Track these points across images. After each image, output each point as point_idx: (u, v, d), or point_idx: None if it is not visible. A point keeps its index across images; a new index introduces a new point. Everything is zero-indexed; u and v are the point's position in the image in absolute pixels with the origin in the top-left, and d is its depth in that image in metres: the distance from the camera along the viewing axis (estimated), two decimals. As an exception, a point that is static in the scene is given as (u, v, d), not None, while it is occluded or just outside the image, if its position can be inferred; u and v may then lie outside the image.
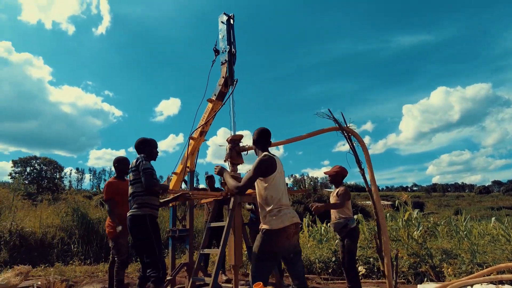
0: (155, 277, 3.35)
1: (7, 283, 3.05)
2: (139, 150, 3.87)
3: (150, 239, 3.44)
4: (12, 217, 7.97)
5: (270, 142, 3.26)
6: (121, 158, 4.69)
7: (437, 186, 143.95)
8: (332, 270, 6.00)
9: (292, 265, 2.98)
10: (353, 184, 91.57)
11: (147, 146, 3.90)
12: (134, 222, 3.47)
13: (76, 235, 8.07)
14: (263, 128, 3.24)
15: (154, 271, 3.36)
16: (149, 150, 3.88)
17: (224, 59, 4.60)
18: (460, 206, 63.58)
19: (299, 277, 2.96)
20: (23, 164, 54.05)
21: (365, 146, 4.22)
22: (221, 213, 6.14)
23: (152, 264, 3.40)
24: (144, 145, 3.88)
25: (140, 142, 3.90)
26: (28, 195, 17.53)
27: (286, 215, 2.85)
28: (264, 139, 3.19)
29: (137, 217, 3.46)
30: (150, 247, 3.41)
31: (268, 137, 3.22)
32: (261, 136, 3.19)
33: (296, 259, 2.98)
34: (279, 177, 2.98)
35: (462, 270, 4.89)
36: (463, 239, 6.53)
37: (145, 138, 3.95)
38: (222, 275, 5.82)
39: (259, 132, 3.21)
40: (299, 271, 2.98)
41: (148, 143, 3.92)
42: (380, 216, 3.99)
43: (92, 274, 6.22)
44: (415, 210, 7.83)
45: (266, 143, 3.20)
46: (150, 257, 3.40)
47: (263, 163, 2.92)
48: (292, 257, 2.97)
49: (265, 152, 3.10)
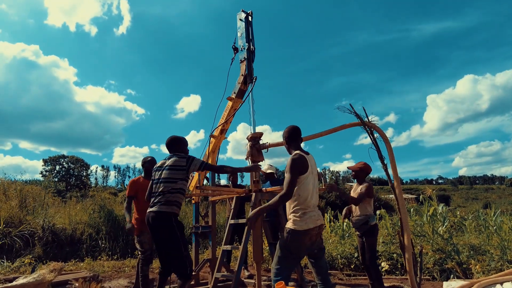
0: (183, 273, 3.39)
1: (42, 279, 3.22)
2: (172, 148, 3.78)
3: (176, 237, 3.40)
4: (44, 214, 8.35)
5: (302, 139, 3.25)
6: (149, 158, 4.78)
7: (463, 179, 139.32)
8: (354, 266, 5.96)
9: (316, 261, 3.03)
10: (376, 178, 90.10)
11: (182, 144, 3.83)
12: (158, 219, 3.42)
13: (103, 231, 8.36)
14: (293, 126, 3.23)
15: (181, 268, 3.39)
16: (182, 149, 3.81)
17: (243, 57, 4.61)
18: (490, 199, 61.30)
19: (322, 273, 3.01)
20: (53, 163, 56.47)
21: (388, 141, 4.15)
22: (243, 209, 6.20)
23: (179, 261, 3.40)
24: (177, 144, 3.80)
25: (174, 140, 3.81)
26: (58, 192, 18.30)
27: (311, 217, 2.87)
28: (295, 137, 3.19)
29: (163, 214, 3.42)
30: (177, 245, 3.39)
31: (298, 135, 3.21)
32: (291, 134, 3.19)
33: (319, 256, 3.03)
34: (310, 177, 2.96)
35: (491, 267, 4.73)
36: (492, 235, 6.32)
37: (178, 136, 3.86)
38: (245, 270, 5.89)
39: (289, 130, 3.21)
40: (322, 267, 3.03)
41: (181, 141, 3.85)
42: (402, 211, 3.93)
43: (119, 269, 6.44)
44: (440, 204, 7.61)
45: (297, 140, 3.19)
46: (176, 255, 3.39)
47: (296, 162, 2.90)
48: (316, 253, 3.02)
49: (297, 150, 3.07)
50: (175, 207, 3.50)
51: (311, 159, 3.06)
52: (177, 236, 3.40)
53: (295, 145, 3.17)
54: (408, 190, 75.27)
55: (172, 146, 3.79)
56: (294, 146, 3.17)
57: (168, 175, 3.54)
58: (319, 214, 2.98)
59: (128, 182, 4.80)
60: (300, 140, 3.22)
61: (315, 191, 3.03)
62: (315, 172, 3.10)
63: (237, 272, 3.77)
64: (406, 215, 3.97)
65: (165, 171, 3.57)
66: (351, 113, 4.36)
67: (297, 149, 3.11)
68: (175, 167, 3.54)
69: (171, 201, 3.48)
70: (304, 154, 3.01)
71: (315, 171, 3.11)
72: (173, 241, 3.40)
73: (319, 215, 2.97)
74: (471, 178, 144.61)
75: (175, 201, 3.52)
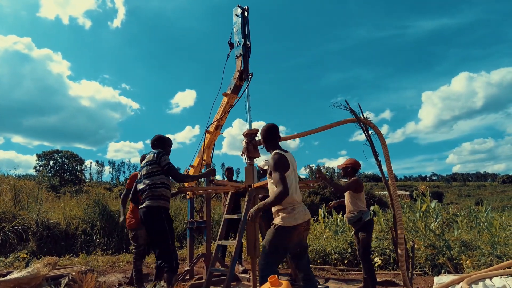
0: (169, 267, 3.45)
1: (37, 273, 3.22)
2: (154, 147, 3.96)
3: (165, 231, 3.52)
4: (38, 209, 8.31)
5: (279, 137, 3.25)
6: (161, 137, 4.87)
7: (457, 176, 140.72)
8: (348, 261, 6.02)
9: (298, 260, 3.06)
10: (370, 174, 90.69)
11: (164, 143, 4.00)
12: (150, 214, 3.54)
13: (97, 226, 8.35)
14: (269, 125, 3.22)
15: (167, 261, 3.46)
16: (163, 148, 3.95)
17: (239, 53, 4.61)
18: (482, 196, 62.06)
19: (304, 269, 3.06)
20: (47, 158, 56.02)
21: (383, 137, 4.19)
22: (238, 205, 6.22)
23: (166, 254, 3.49)
24: (160, 142, 3.97)
25: (157, 139, 3.99)
26: (52, 187, 18.17)
27: (299, 213, 2.92)
28: (273, 136, 3.19)
29: (153, 209, 3.54)
30: (165, 238, 3.50)
31: (276, 133, 3.21)
32: (268, 134, 3.19)
33: (302, 255, 3.05)
34: (292, 174, 3.02)
35: (481, 262, 4.81)
36: (483, 231, 6.41)
37: (162, 136, 4.05)
38: (239, 265, 5.93)
39: (266, 129, 3.20)
40: (304, 264, 3.07)
41: (164, 141, 4.02)
42: (396, 208, 3.98)
43: (113, 264, 6.45)
44: (433, 201, 7.70)
45: (275, 139, 3.19)
46: (164, 248, 3.50)
47: (279, 160, 2.95)
48: (299, 252, 3.04)
49: (276, 150, 3.11)
50: (162, 201, 3.62)
51: (291, 157, 3.10)
52: (165, 229, 3.49)
53: (273, 144, 3.18)
54: (402, 186, 75.83)
55: (154, 145, 3.97)
56: (272, 144, 3.18)
57: (148, 170, 3.71)
58: (306, 209, 3.03)
59: (130, 175, 4.87)
60: (278, 139, 3.22)
61: (298, 187, 3.08)
62: (295, 169, 3.14)
63: (231, 267, 3.80)
64: (399, 211, 4.02)
65: (144, 168, 3.76)
66: (347, 109, 4.40)
67: (275, 148, 3.14)
68: (150, 161, 3.74)
69: (157, 196, 3.62)
70: (283, 152, 3.05)
71: (295, 168, 3.15)
72: (161, 234, 3.52)
73: (306, 209, 3.02)
74: (464, 175, 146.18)
75: (162, 195, 3.65)
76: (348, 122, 4.34)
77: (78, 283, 2.68)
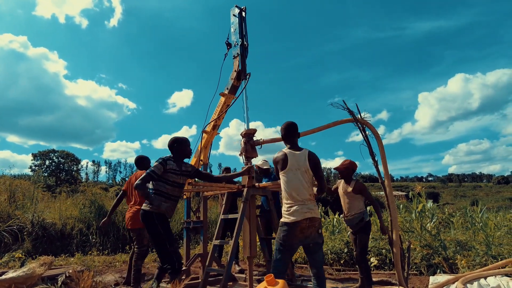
0: (171, 268, 3.49)
1: (32, 272, 3.21)
2: (171, 150, 3.84)
3: (159, 234, 3.53)
4: (34, 208, 8.26)
5: (299, 135, 3.37)
6: (141, 157, 4.90)
7: (453, 177, 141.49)
8: (344, 261, 6.05)
9: (311, 255, 3.13)
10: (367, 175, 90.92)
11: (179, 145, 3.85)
12: (144, 217, 3.59)
13: (94, 226, 8.31)
14: (289, 122, 3.36)
15: (169, 263, 3.50)
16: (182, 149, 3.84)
17: (236, 53, 4.62)
18: (477, 196, 62.46)
19: (316, 266, 3.11)
20: (42, 157, 55.62)
21: (380, 138, 4.20)
22: (235, 205, 6.22)
23: (166, 256, 3.53)
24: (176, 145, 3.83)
25: (173, 142, 3.86)
26: (48, 187, 18.04)
27: (297, 211, 3.00)
28: (291, 133, 3.31)
29: (146, 213, 3.57)
30: (161, 241, 3.53)
31: (295, 131, 3.34)
32: (287, 131, 3.32)
33: (315, 250, 3.12)
34: (291, 173, 3.09)
35: (476, 262, 4.85)
36: (478, 231, 6.46)
37: (178, 138, 3.90)
38: (236, 265, 5.93)
39: (285, 127, 3.33)
40: (317, 261, 3.12)
41: (179, 143, 3.86)
42: (392, 208, 3.99)
43: (110, 264, 6.43)
44: (429, 201, 7.74)
45: (293, 136, 3.32)
46: (162, 251, 3.54)
47: (275, 160, 3.19)
48: (311, 246, 3.10)
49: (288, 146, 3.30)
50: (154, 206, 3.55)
51: (298, 155, 3.14)
52: (159, 232, 3.51)
53: (290, 141, 3.30)
54: (399, 187, 76.16)
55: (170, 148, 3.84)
56: (289, 142, 3.31)
57: None
58: (309, 208, 3.04)
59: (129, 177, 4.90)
60: (296, 136, 3.33)
61: (303, 186, 3.07)
62: (301, 167, 3.12)
63: (228, 267, 3.81)
64: (395, 211, 4.04)
65: None
66: (344, 109, 4.40)
67: (289, 145, 3.28)
68: None
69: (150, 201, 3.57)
70: (290, 150, 3.16)
71: (302, 166, 3.12)
72: (156, 238, 3.56)
73: (308, 208, 3.03)
74: (460, 176, 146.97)
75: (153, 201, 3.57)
76: (346, 122, 4.35)
77: (75, 281, 2.67)
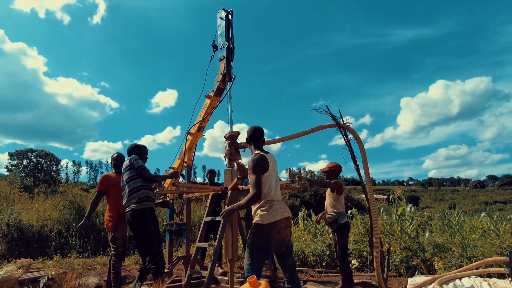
0: (154, 269, 3.47)
1: (9, 276, 3.12)
2: (130, 154, 4.18)
3: (151, 232, 3.57)
4: (10, 210, 8.01)
5: (264, 140, 3.33)
6: (115, 154, 4.82)
7: (433, 181, 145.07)
8: (326, 263, 6.13)
9: (283, 259, 3.10)
10: (349, 178, 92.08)
11: (139, 151, 4.24)
12: (136, 217, 3.59)
13: (73, 228, 8.13)
14: (255, 127, 3.33)
15: (153, 263, 3.48)
16: (139, 155, 4.15)
17: (222, 55, 4.63)
18: (455, 200, 64.21)
19: (289, 270, 3.09)
20: (20, 157, 53.90)
21: (361, 142, 4.31)
22: (219, 207, 6.21)
23: (151, 256, 3.51)
24: (135, 150, 4.22)
25: (132, 147, 4.27)
26: (25, 188, 17.49)
27: (278, 210, 2.98)
28: (257, 137, 3.28)
29: (139, 212, 3.58)
30: (150, 240, 3.53)
31: (261, 136, 3.30)
32: (253, 135, 3.28)
33: (287, 254, 3.09)
34: (272, 174, 3.09)
35: (452, 263, 5.01)
36: (455, 233, 6.66)
37: (137, 144, 4.34)
38: (218, 268, 5.92)
39: (251, 131, 3.31)
40: (290, 264, 3.10)
41: (139, 148, 4.28)
42: (373, 211, 4.10)
43: (90, 266, 6.31)
44: (409, 204, 7.96)
45: (258, 141, 3.28)
46: (149, 250, 3.53)
47: (257, 162, 3.01)
48: (284, 251, 3.08)
49: (257, 151, 3.19)
50: (146, 202, 3.81)
51: (271, 158, 3.18)
52: (151, 230, 3.52)
53: (256, 146, 3.26)
54: (380, 190, 77.52)
55: (130, 153, 4.23)
56: (255, 146, 3.27)
57: (127, 175, 3.94)
58: (285, 207, 3.10)
59: (100, 177, 4.75)
60: (262, 141, 3.31)
61: (278, 187, 3.15)
62: (276, 169, 3.21)
63: (211, 269, 3.81)
64: (376, 214, 4.15)
65: (124, 173, 4.04)
66: (327, 114, 4.50)
67: (258, 150, 3.22)
68: (127, 167, 4.01)
69: (141, 198, 3.82)
70: (264, 153, 3.13)
71: (276, 168, 3.22)
72: (147, 236, 3.62)
73: (285, 207, 3.08)
74: (440, 180, 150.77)
75: (146, 197, 3.86)
76: (328, 127, 4.44)
77: (58, 282, 2.62)
